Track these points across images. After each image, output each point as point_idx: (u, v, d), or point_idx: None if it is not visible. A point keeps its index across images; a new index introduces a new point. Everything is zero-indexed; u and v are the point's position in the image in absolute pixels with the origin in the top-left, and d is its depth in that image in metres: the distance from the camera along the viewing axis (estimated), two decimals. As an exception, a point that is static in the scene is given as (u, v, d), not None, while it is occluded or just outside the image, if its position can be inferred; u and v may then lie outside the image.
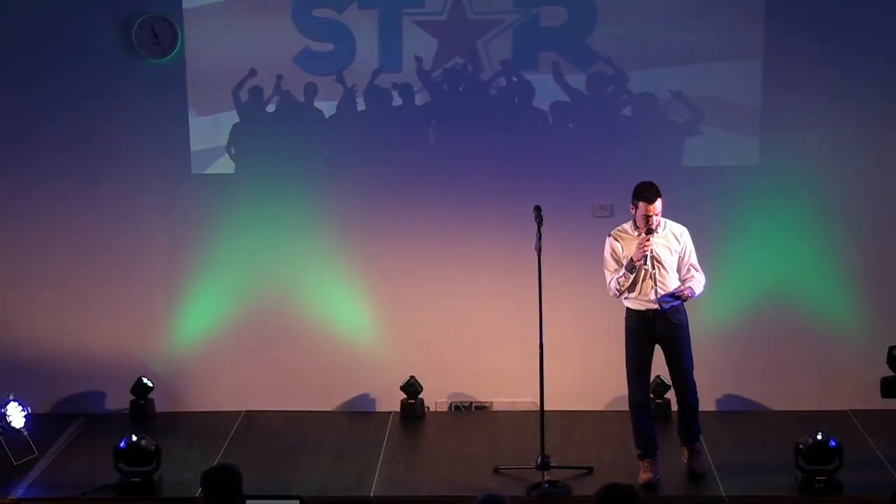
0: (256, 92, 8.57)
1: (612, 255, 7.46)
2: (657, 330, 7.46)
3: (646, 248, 7.27)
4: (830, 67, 8.35)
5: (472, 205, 8.63)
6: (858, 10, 8.32)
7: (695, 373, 7.62)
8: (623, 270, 7.36)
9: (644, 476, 7.50)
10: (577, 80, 8.49)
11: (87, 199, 8.70)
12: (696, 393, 7.59)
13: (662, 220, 7.42)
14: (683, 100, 8.47)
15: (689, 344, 7.54)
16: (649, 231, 7.30)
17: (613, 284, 7.42)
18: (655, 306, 7.41)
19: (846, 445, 7.43)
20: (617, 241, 7.44)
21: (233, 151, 8.69)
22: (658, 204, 7.29)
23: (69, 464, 8.03)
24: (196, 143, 8.64)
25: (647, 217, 7.29)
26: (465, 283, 8.71)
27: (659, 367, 8.32)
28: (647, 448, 7.58)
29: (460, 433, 8.48)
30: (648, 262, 7.32)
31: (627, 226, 7.47)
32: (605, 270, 7.50)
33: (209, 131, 8.64)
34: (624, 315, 7.57)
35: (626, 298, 7.50)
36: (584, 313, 8.67)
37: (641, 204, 7.31)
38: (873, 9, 8.33)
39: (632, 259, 7.30)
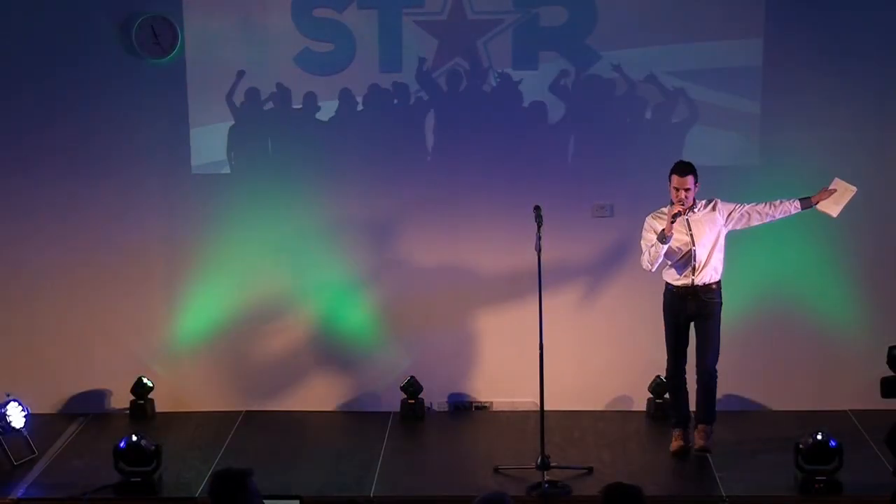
0: (255, 92, 8.56)
1: (650, 230, 7.64)
2: (689, 307, 7.68)
3: (675, 210, 7.47)
4: (830, 68, 8.35)
5: (472, 205, 8.63)
6: (858, 10, 8.32)
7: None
8: (655, 240, 7.53)
9: (676, 444, 7.84)
10: (577, 81, 8.49)
11: (87, 198, 8.70)
12: (715, 375, 7.77)
13: (698, 200, 7.65)
14: (684, 100, 8.47)
15: (718, 324, 7.74)
16: (682, 205, 7.51)
17: (646, 256, 7.63)
18: (690, 282, 7.63)
19: (846, 445, 7.44)
20: (655, 219, 7.66)
21: (232, 151, 8.69)
22: (689, 179, 7.51)
23: (69, 464, 8.02)
24: (196, 143, 8.64)
25: (678, 190, 7.51)
26: (465, 283, 8.70)
27: (657, 367, 8.36)
28: (682, 418, 7.87)
29: (460, 433, 8.48)
30: (689, 238, 7.57)
31: (666, 208, 7.65)
32: (642, 243, 7.67)
33: (209, 131, 8.63)
34: (662, 293, 7.80)
35: (665, 272, 7.72)
36: (584, 313, 8.67)
37: (673, 176, 7.57)
38: (872, 9, 8.33)
39: (663, 230, 7.50)
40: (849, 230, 8.51)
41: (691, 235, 7.61)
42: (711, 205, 7.69)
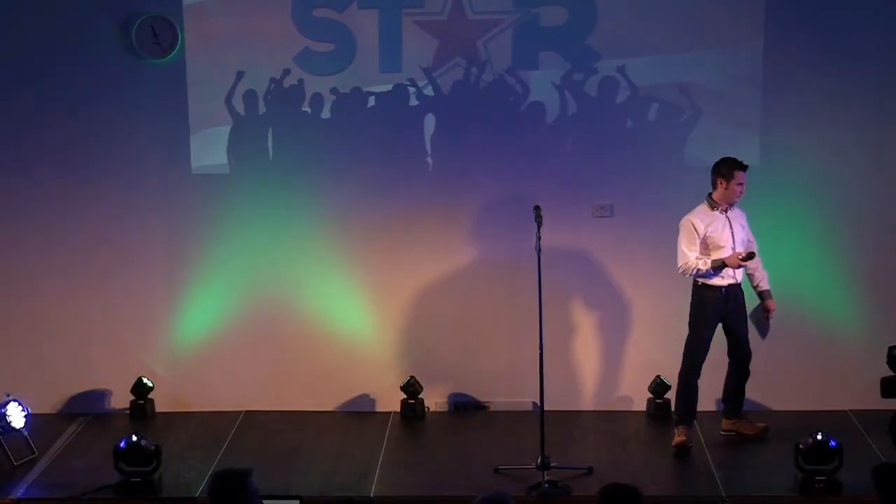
0: (255, 92, 8.56)
1: (693, 230, 7.71)
2: (729, 306, 7.82)
3: (742, 265, 7.69)
4: (829, 68, 8.35)
5: (472, 205, 8.63)
6: (858, 10, 8.33)
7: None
8: (709, 263, 7.65)
9: (679, 439, 7.88)
10: (577, 80, 8.48)
11: (87, 198, 8.70)
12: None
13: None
14: (684, 100, 8.47)
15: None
16: (750, 256, 7.67)
17: (692, 264, 7.69)
18: (735, 281, 7.78)
19: (846, 445, 7.43)
20: (696, 218, 7.74)
21: (232, 151, 8.69)
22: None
23: (69, 464, 8.02)
24: (196, 143, 8.64)
25: (741, 185, 7.69)
26: (465, 283, 8.70)
27: (657, 367, 8.36)
28: (689, 416, 7.93)
29: (460, 433, 8.48)
30: (731, 237, 7.75)
31: (703, 206, 7.77)
32: (682, 250, 7.72)
33: (209, 131, 8.63)
34: (692, 293, 7.85)
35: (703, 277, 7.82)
36: (584, 313, 8.67)
37: (738, 172, 7.70)
38: (871, 10, 8.33)
39: (724, 261, 7.64)
40: (849, 230, 8.52)
41: (732, 235, 7.75)
42: (740, 210, 7.87)
